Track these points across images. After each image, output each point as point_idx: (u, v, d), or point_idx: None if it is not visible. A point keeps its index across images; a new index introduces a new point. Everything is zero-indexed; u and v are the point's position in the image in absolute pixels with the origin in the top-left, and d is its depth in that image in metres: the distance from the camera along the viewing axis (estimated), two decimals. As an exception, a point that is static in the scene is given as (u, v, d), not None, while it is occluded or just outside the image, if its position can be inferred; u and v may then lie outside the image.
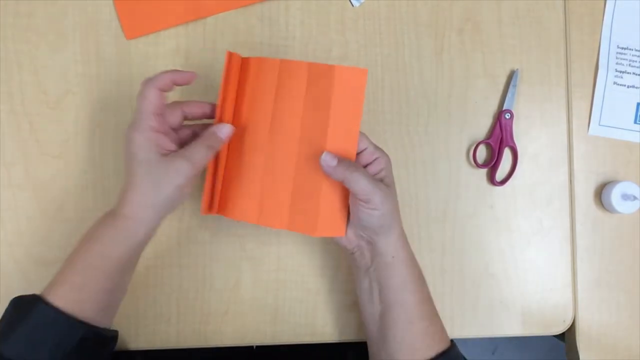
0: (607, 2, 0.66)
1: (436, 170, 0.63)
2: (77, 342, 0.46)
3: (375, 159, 0.50)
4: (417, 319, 0.50)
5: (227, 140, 0.51)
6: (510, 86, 0.63)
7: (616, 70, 0.65)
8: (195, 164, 0.48)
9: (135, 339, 0.60)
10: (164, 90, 0.49)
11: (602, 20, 0.66)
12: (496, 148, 0.63)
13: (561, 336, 0.66)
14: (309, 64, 0.49)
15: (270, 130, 0.50)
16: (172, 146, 0.50)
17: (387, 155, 0.51)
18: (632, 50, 0.66)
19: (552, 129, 0.65)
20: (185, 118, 0.53)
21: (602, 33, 0.66)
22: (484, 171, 0.64)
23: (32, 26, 0.61)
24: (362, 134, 0.50)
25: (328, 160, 0.47)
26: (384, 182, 0.49)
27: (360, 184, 0.46)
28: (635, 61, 0.66)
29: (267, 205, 0.51)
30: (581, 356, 0.63)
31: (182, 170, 0.47)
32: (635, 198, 0.62)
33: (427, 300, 0.53)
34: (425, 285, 0.53)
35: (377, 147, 0.51)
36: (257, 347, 0.79)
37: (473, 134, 0.64)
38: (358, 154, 0.50)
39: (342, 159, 0.47)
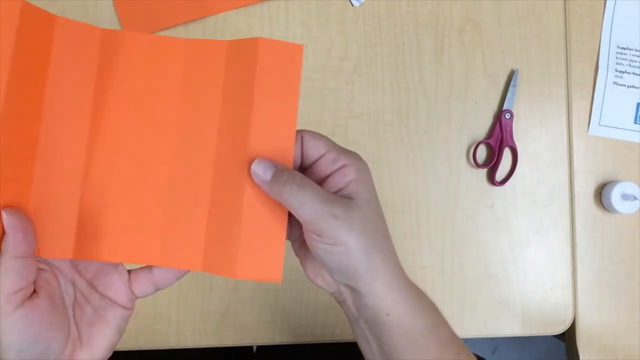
0: (607, 2, 0.66)
1: (436, 170, 0.63)
2: None
3: (339, 168, 0.35)
4: None
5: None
6: (510, 86, 0.63)
7: (616, 70, 0.65)
8: None
9: (135, 339, 0.60)
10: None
11: (602, 20, 0.66)
12: (496, 148, 0.63)
13: (561, 336, 0.66)
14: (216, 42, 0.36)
15: (177, 135, 0.36)
16: None
17: (361, 162, 0.35)
18: (632, 50, 0.66)
19: (552, 129, 0.65)
20: None
21: (602, 33, 0.66)
22: (484, 171, 0.64)
23: (32, 26, 0.61)
24: (319, 134, 0.36)
25: (260, 172, 0.33)
26: (355, 200, 0.33)
27: (305, 209, 0.32)
28: (635, 61, 0.66)
29: (173, 240, 0.36)
30: (581, 356, 0.63)
31: None
32: (635, 198, 0.62)
33: (449, 344, 0.38)
34: (446, 326, 0.38)
35: (343, 151, 0.35)
36: (257, 347, 0.79)
37: (473, 134, 0.64)
38: (315, 162, 0.36)
39: (280, 170, 0.33)
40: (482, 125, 0.64)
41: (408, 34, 0.64)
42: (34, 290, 0.33)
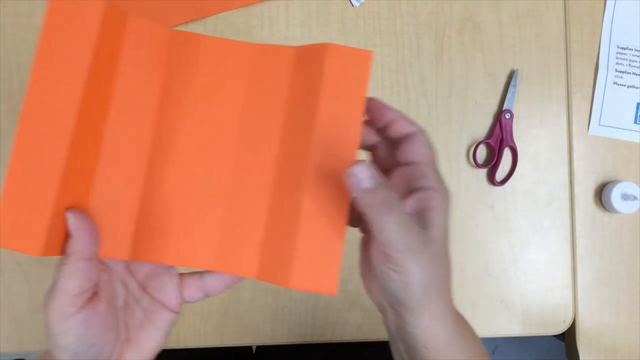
0: (607, 2, 0.66)
1: (436, 170, 0.63)
2: None
3: (424, 188, 0.33)
4: None
5: (86, 236, 0.32)
6: (510, 86, 0.63)
7: (616, 70, 0.65)
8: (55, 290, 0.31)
9: (135, 339, 0.60)
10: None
11: (602, 20, 0.66)
12: (496, 148, 0.63)
13: (561, 336, 0.66)
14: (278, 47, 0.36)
15: (240, 139, 0.36)
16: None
17: (446, 192, 0.34)
18: (632, 50, 0.66)
19: (552, 129, 0.65)
20: None
21: (602, 33, 0.66)
22: (484, 171, 0.64)
23: (32, 26, 0.61)
24: (430, 144, 0.35)
25: (361, 177, 0.30)
26: (429, 232, 0.32)
27: (384, 232, 0.30)
28: (635, 61, 0.66)
29: (229, 245, 0.35)
30: (581, 356, 0.63)
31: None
32: (635, 198, 0.62)
33: None
34: None
35: (436, 173, 0.34)
36: (257, 347, 0.79)
37: (473, 134, 0.64)
38: (406, 165, 0.34)
39: (382, 185, 0.30)
40: (482, 125, 0.64)
41: (408, 34, 0.64)
42: (95, 292, 0.33)
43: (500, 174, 0.64)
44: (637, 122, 0.66)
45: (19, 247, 0.30)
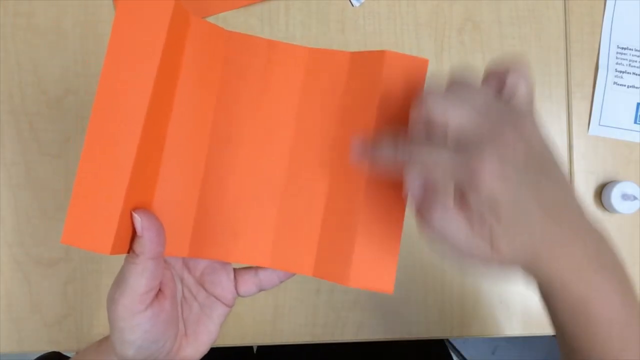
0: (607, 2, 0.66)
1: (436, 170, 0.63)
2: None
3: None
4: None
5: (153, 237, 0.32)
6: (510, 86, 0.63)
7: (616, 70, 0.65)
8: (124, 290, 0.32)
9: (135, 339, 0.60)
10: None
11: (602, 20, 0.66)
12: (496, 148, 0.63)
13: (561, 336, 0.66)
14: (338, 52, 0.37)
15: (295, 139, 0.36)
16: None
17: None
18: (632, 50, 0.66)
19: (552, 129, 0.65)
20: None
21: (602, 33, 0.66)
22: (484, 171, 0.64)
23: (32, 26, 0.61)
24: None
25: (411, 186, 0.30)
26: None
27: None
28: (635, 61, 0.66)
29: (285, 243, 0.36)
30: (581, 356, 0.63)
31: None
32: (635, 198, 0.62)
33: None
34: None
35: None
36: (257, 347, 0.79)
37: (473, 134, 0.64)
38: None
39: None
40: (482, 125, 0.64)
41: (408, 34, 0.64)
42: (160, 289, 0.34)
43: (500, 174, 0.63)
44: (637, 122, 0.66)
45: (89, 245, 0.31)
